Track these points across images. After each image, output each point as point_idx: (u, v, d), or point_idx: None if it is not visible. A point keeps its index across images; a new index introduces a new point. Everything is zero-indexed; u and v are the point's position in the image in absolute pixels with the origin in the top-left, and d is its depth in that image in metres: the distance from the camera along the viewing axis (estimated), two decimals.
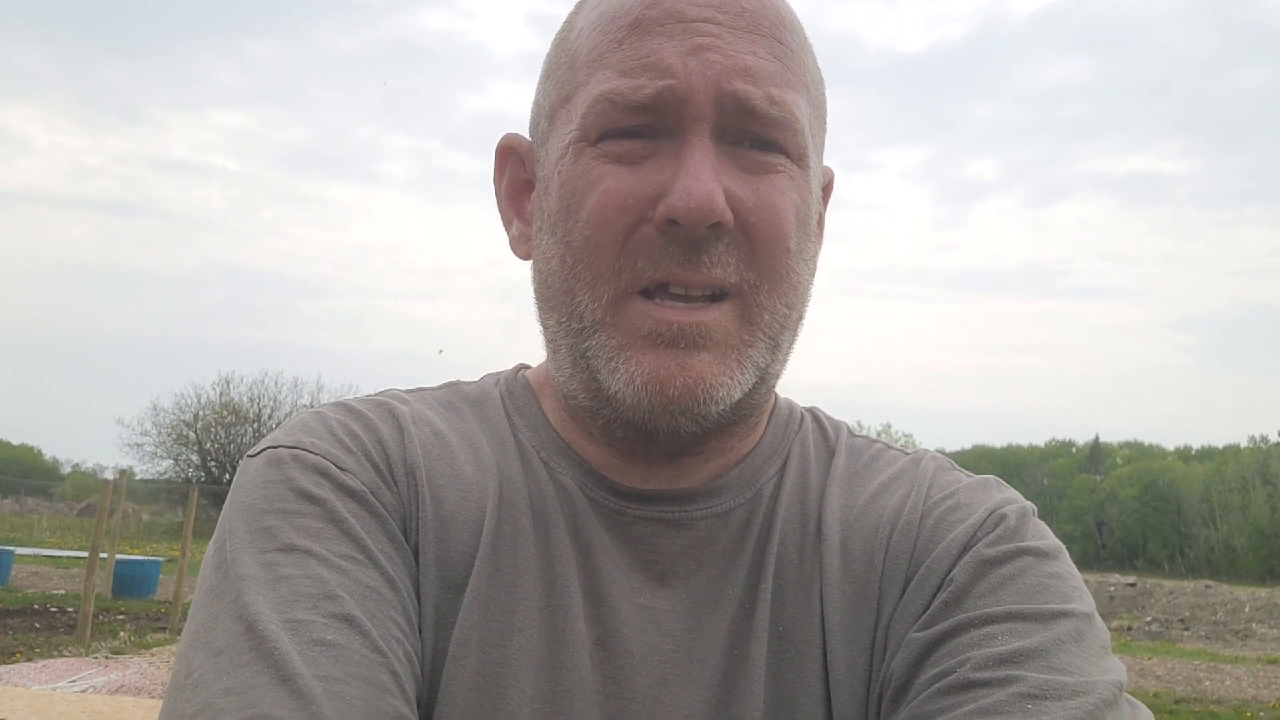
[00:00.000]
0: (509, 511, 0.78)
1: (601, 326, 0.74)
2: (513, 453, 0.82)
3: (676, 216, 0.70)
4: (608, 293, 0.73)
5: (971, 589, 0.72)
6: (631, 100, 0.72)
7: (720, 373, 0.73)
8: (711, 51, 0.72)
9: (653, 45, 0.73)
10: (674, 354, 0.72)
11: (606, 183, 0.73)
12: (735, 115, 0.73)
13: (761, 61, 0.74)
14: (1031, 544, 0.74)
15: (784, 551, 0.79)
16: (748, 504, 0.81)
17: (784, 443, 0.86)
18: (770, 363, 0.78)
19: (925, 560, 0.75)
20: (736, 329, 0.74)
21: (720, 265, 0.72)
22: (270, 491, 0.72)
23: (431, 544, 0.74)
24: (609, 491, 0.80)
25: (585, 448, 0.82)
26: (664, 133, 0.73)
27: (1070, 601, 0.71)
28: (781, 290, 0.75)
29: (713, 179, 0.71)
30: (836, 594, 0.76)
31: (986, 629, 0.68)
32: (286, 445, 0.75)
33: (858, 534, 0.79)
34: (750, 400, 0.79)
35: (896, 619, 0.74)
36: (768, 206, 0.73)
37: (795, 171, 0.76)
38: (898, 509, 0.79)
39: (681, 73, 0.72)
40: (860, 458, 0.86)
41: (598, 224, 0.73)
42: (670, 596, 0.77)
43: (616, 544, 0.78)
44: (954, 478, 0.82)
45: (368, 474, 0.74)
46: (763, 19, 0.75)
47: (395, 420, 0.80)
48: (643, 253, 0.72)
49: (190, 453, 41.07)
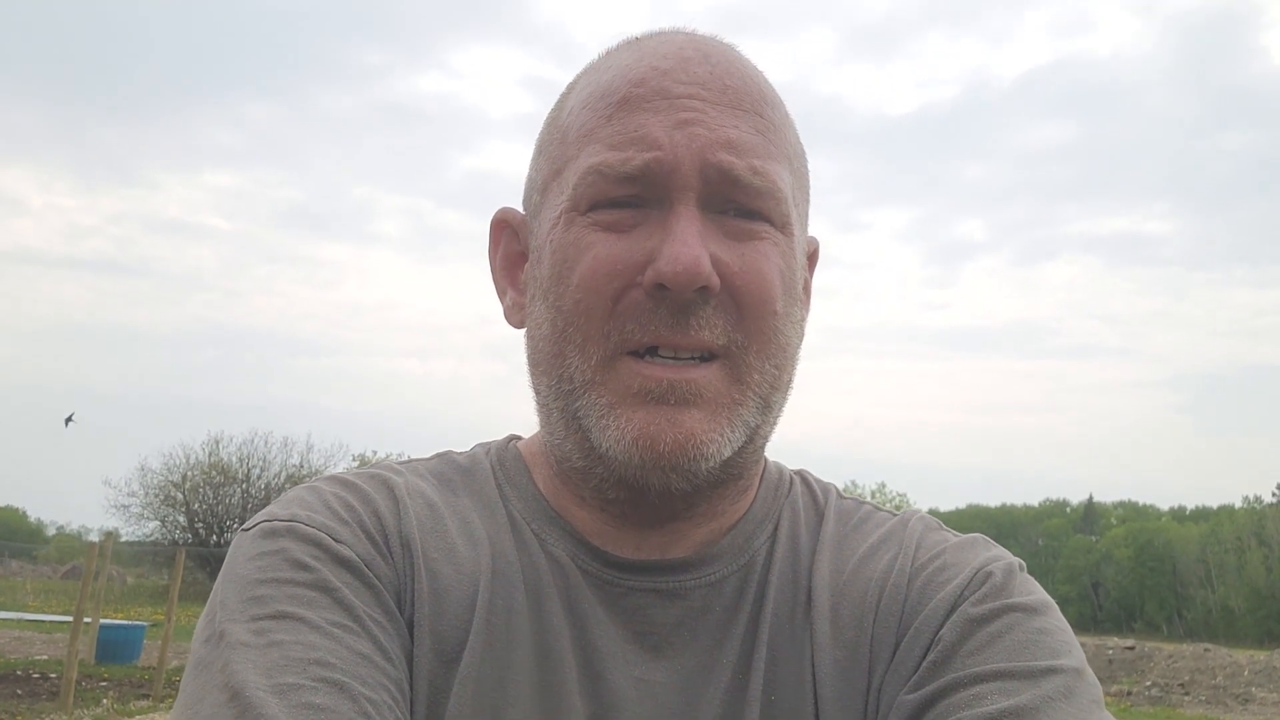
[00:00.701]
0: (502, 585, 0.78)
1: (592, 386, 0.76)
2: (504, 525, 0.83)
3: (664, 280, 0.73)
4: (597, 354, 0.75)
5: (959, 648, 0.72)
6: (620, 171, 0.75)
7: (711, 429, 0.74)
8: (696, 125, 0.75)
9: (640, 120, 0.76)
10: (664, 410, 0.74)
11: (596, 250, 0.75)
12: (720, 185, 0.75)
13: (744, 135, 0.77)
14: (1018, 600, 0.75)
15: (776, 620, 0.79)
16: (740, 571, 0.82)
17: (774, 507, 0.86)
18: (761, 423, 0.79)
19: (914, 622, 0.75)
20: (727, 388, 0.76)
21: (708, 328, 0.74)
22: (264, 563, 0.72)
23: (426, 617, 0.75)
24: (601, 562, 0.81)
25: (578, 515, 0.83)
26: (652, 203, 0.76)
27: (1059, 657, 0.71)
28: (769, 351, 0.78)
29: (699, 244, 0.73)
30: (828, 660, 0.76)
31: (976, 689, 0.69)
32: (281, 519, 0.75)
33: (847, 599, 0.79)
34: (740, 460, 0.80)
35: (888, 682, 0.74)
36: (753, 271, 0.76)
37: (779, 238, 0.78)
38: (886, 572, 0.80)
39: (668, 145, 0.75)
40: (849, 520, 0.86)
41: (587, 289, 0.75)
42: (666, 668, 0.77)
43: (611, 616, 0.79)
44: (941, 538, 0.83)
45: (363, 546, 0.75)
46: (745, 95, 0.78)
47: (390, 492, 0.81)
48: (631, 316, 0.74)
49: (177, 514, 40.60)
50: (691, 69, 0.78)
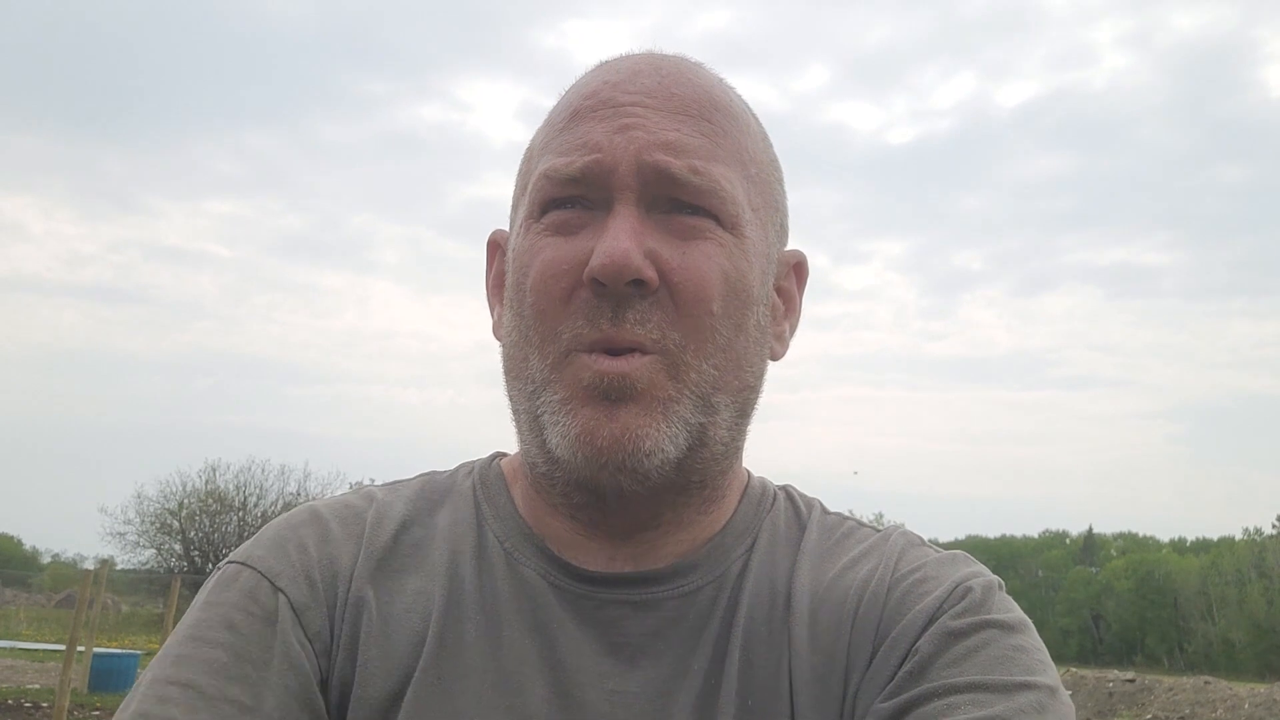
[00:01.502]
0: (454, 618, 0.80)
1: (549, 384, 0.78)
2: (471, 549, 0.84)
3: (596, 274, 0.75)
4: (553, 353, 0.78)
5: (936, 660, 0.73)
6: (564, 174, 0.78)
7: (646, 424, 0.75)
8: (636, 129, 0.78)
9: (586, 128, 0.80)
10: (604, 406, 0.76)
11: (545, 253, 0.79)
12: (658, 184, 0.77)
13: (685, 137, 0.79)
14: (996, 617, 0.76)
15: (751, 625, 0.80)
16: (715, 582, 0.82)
17: (755, 522, 0.87)
18: (707, 424, 0.79)
19: (891, 631, 0.76)
20: (663, 382, 0.76)
21: (641, 324, 0.76)
22: (206, 615, 0.78)
23: (374, 658, 0.77)
24: (573, 577, 0.82)
25: (552, 526, 0.84)
26: (597, 204, 0.78)
27: (1034, 674, 0.72)
28: (707, 351, 0.78)
29: (629, 239, 0.75)
30: (805, 666, 0.77)
31: (950, 699, 0.70)
32: (240, 561, 0.81)
33: (826, 606, 0.80)
34: (695, 465, 0.80)
35: (863, 689, 0.75)
36: (692, 268, 0.77)
37: (727, 239, 0.79)
38: (865, 581, 0.80)
39: (607, 147, 0.78)
40: (832, 535, 0.87)
41: (539, 291, 0.78)
42: (639, 679, 0.78)
43: (584, 630, 0.80)
44: (922, 553, 0.84)
45: (302, 595, 0.79)
46: (691, 102, 0.81)
47: (354, 527, 0.84)
48: (580, 313, 0.77)
49: (173, 542, 40.37)
50: (640, 80, 0.81)
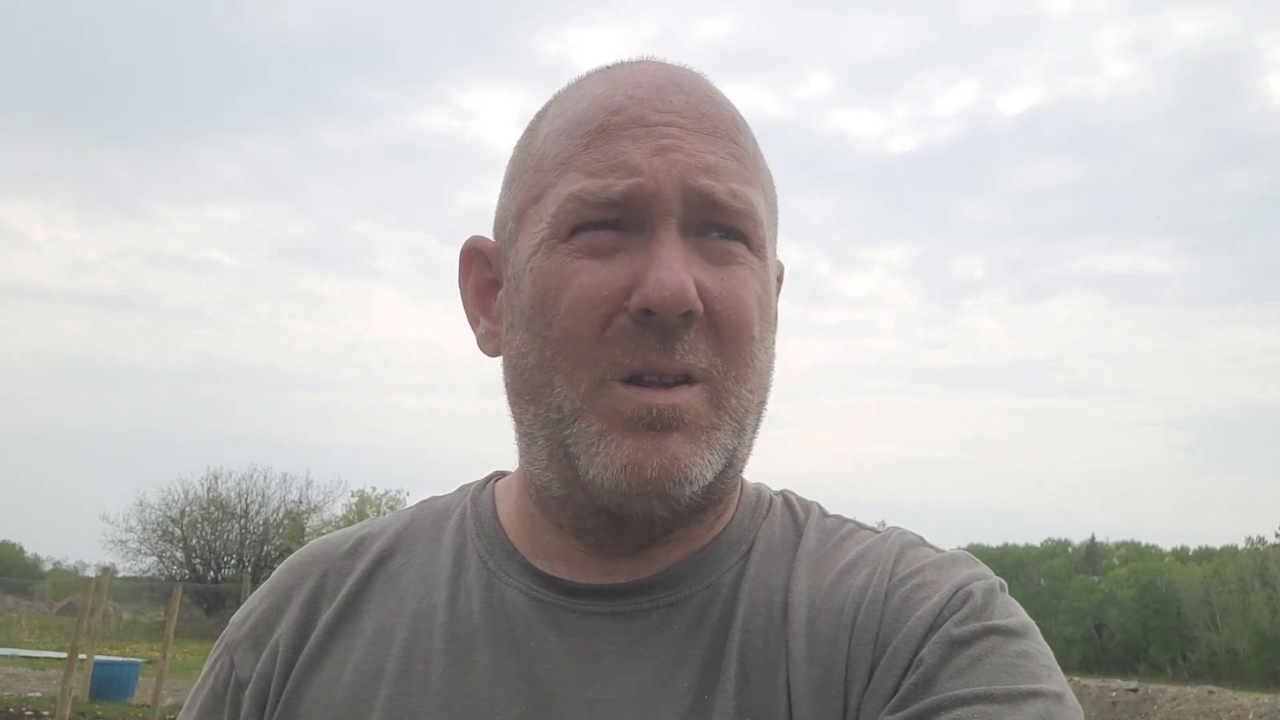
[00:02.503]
0: (420, 651, 0.81)
1: (581, 414, 0.76)
2: (447, 576, 0.85)
3: (651, 306, 0.73)
4: (586, 382, 0.75)
5: (941, 670, 0.71)
6: (602, 198, 0.75)
7: (693, 453, 0.75)
8: (675, 152, 0.77)
9: (619, 148, 0.77)
10: (651, 436, 0.75)
11: (581, 277, 0.76)
12: (700, 209, 0.77)
13: (721, 160, 0.78)
14: (999, 623, 0.74)
15: (748, 638, 0.78)
16: (706, 591, 0.81)
17: (750, 529, 0.86)
18: (738, 446, 0.80)
19: (892, 640, 0.74)
20: (707, 411, 0.76)
21: (692, 352, 0.75)
22: (199, 687, 0.89)
23: (322, 710, 0.80)
24: (557, 591, 0.82)
25: (548, 543, 0.84)
26: (634, 228, 0.76)
27: (1039, 681, 0.71)
28: (746, 376, 0.78)
29: (684, 269, 0.74)
30: (803, 679, 0.75)
31: (957, 712, 0.69)
32: (229, 627, 0.90)
33: (824, 616, 0.78)
34: (719, 485, 0.80)
35: (866, 702, 0.73)
36: (733, 296, 0.77)
37: (755, 262, 0.80)
38: (863, 588, 0.78)
39: (648, 171, 0.76)
40: (830, 538, 0.85)
41: (575, 316, 0.75)
42: (619, 686, 0.77)
43: (563, 644, 0.79)
44: (921, 554, 0.81)
45: (249, 666, 0.85)
46: (720, 123, 0.80)
47: (317, 580, 0.88)
48: (620, 342, 0.75)
49: (175, 550, 40.37)
50: (667, 97, 0.80)
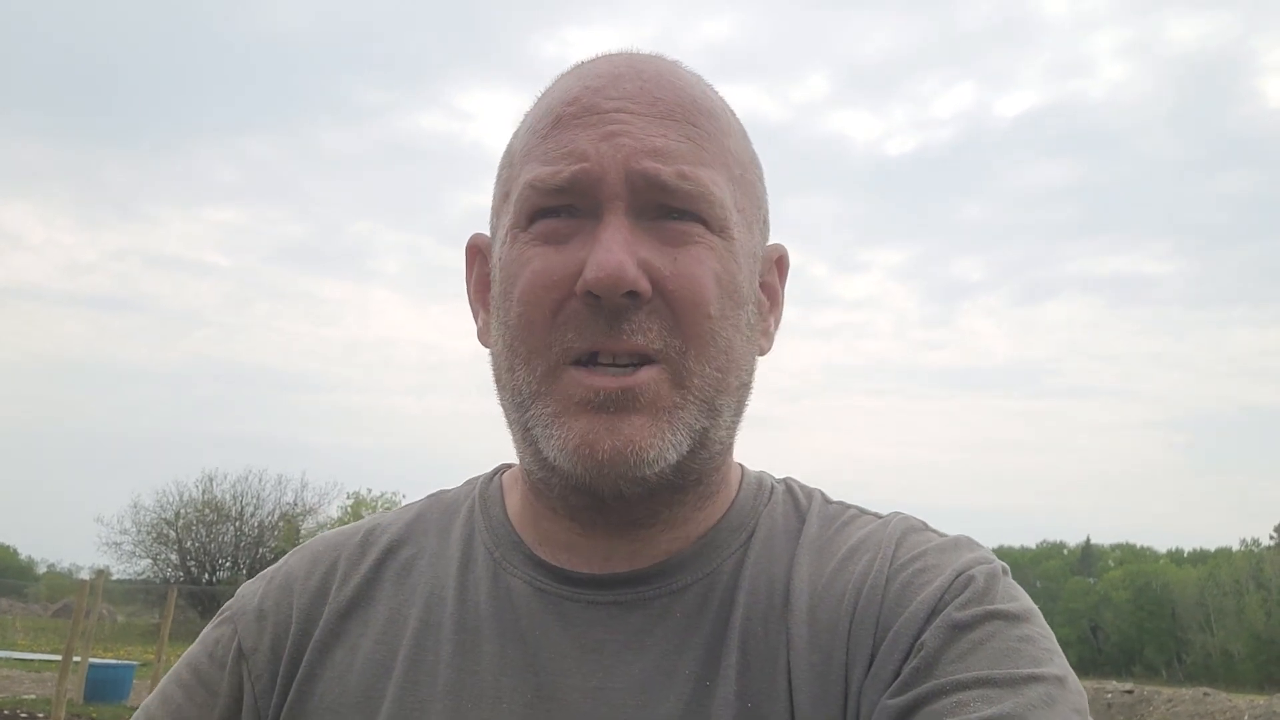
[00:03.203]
0: (430, 641, 0.82)
1: (538, 397, 0.78)
2: (456, 567, 0.86)
3: (590, 287, 0.75)
4: (542, 365, 0.78)
5: (942, 654, 0.72)
6: (550, 184, 0.78)
7: (651, 434, 0.76)
8: (622, 136, 0.78)
9: (570, 135, 0.79)
10: (604, 418, 0.75)
11: (534, 263, 0.78)
12: (647, 192, 0.77)
13: (671, 143, 0.78)
14: (1001, 607, 0.74)
15: (749, 625, 0.79)
16: (706, 579, 0.82)
17: (751, 516, 0.86)
18: (710, 427, 0.79)
19: (893, 625, 0.75)
20: (667, 392, 0.77)
21: (641, 332, 0.76)
22: (192, 649, 0.89)
23: (333, 697, 0.81)
24: (561, 581, 0.83)
25: (547, 530, 0.85)
26: (586, 213, 0.78)
27: (1041, 665, 0.71)
28: (709, 354, 0.78)
29: (622, 250, 0.75)
30: (804, 664, 0.76)
31: (959, 696, 0.69)
32: (234, 600, 0.90)
33: (825, 602, 0.78)
34: (694, 465, 0.80)
35: (868, 686, 0.74)
36: (685, 275, 0.77)
37: (716, 242, 0.79)
38: (864, 573, 0.79)
39: (594, 156, 0.77)
40: (833, 524, 0.85)
41: (528, 301, 0.78)
42: (623, 674, 0.78)
43: (568, 632, 0.80)
44: (923, 538, 0.82)
45: (253, 634, 0.86)
46: (675, 106, 0.80)
47: (330, 568, 0.89)
48: (571, 325, 0.76)
49: (170, 552, 40.30)
50: (621, 85, 0.81)
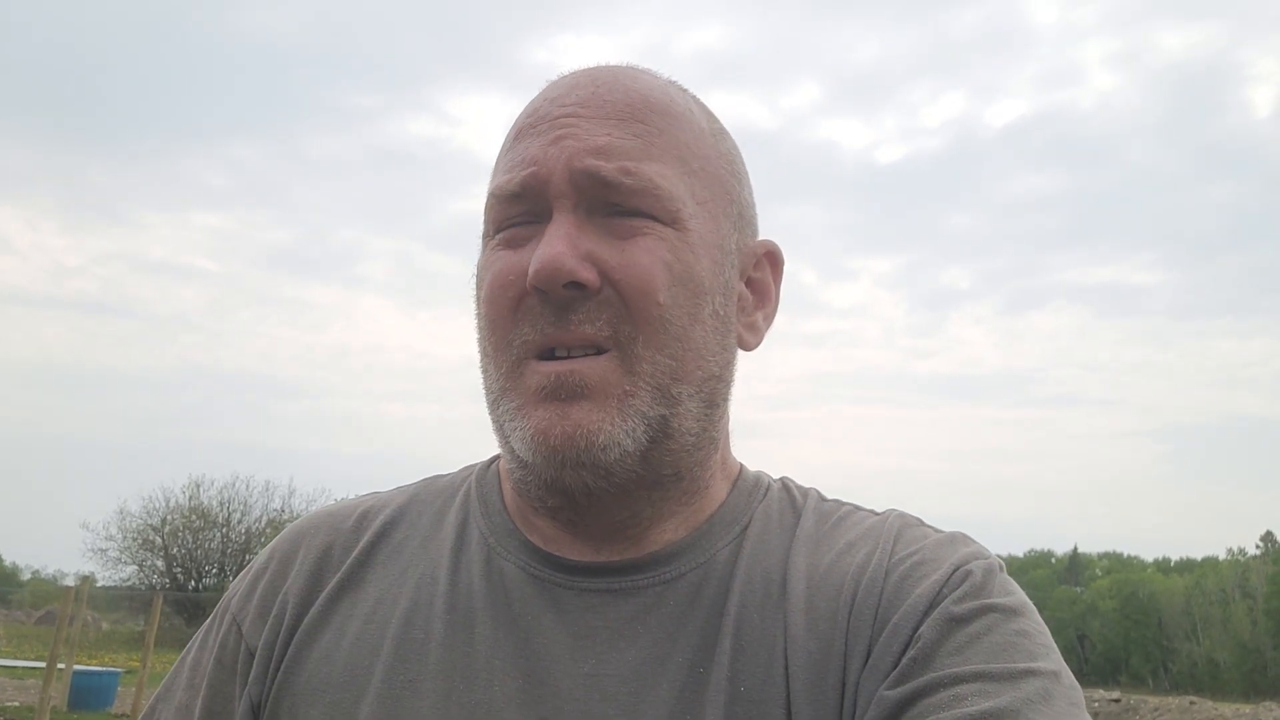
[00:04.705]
0: (421, 620, 0.83)
1: (505, 393, 0.81)
2: (450, 549, 0.88)
3: (533, 282, 0.78)
4: (506, 362, 0.81)
5: (940, 647, 0.73)
6: (506, 191, 0.83)
7: (600, 419, 0.77)
8: (568, 139, 0.81)
9: (525, 145, 0.84)
10: (556, 405, 0.78)
11: (496, 266, 0.83)
12: (592, 189, 0.80)
13: (616, 141, 0.81)
14: (998, 601, 0.76)
15: (744, 612, 0.80)
16: (701, 568, 0.83)
17: (746, 510, 0.88)
18: (670, 415, 0.80)
19: (892, 617, 0.76)
20: (618, 379, 0.78)
21: (589, 323, 0.78)
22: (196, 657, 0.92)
23: (322, 676, 0.82)
24: (554, 567, 0.84)
25: (538, 525, 0.86)
26: (541, 217, 0.82)
27: (1037, 660, 0.72)
28: (660, 342, 0.79)
29: (561, 243, 0.78)
30: (801, 653, 0.77)
31: (956, 689, 0.70)
32: (235, 595, 0.92)
33: (823, 592, 0.79)
34: (663, 457, 0.82)
35: (865, 678, 0.74)
36: (632, 264, 0.79)
37: (668, 233, 0.81)
38: (862, 565, 0.80)
39: (542, 160, 0.81)
40: (829, 519, 0.87)
41: (490, 302, 0.82)
42: (616, 661, 0.78)
43: (560, 620, 0.81)
44: (921, 533, 0.84)
45: (257, 630, 0.87)
46: (624, 106, 0.83)
47: (321, 549, 0.90)
48: (527, 321, 0.80)
49: (156, 558, 40.03)
50: (575, 92, 0.84)
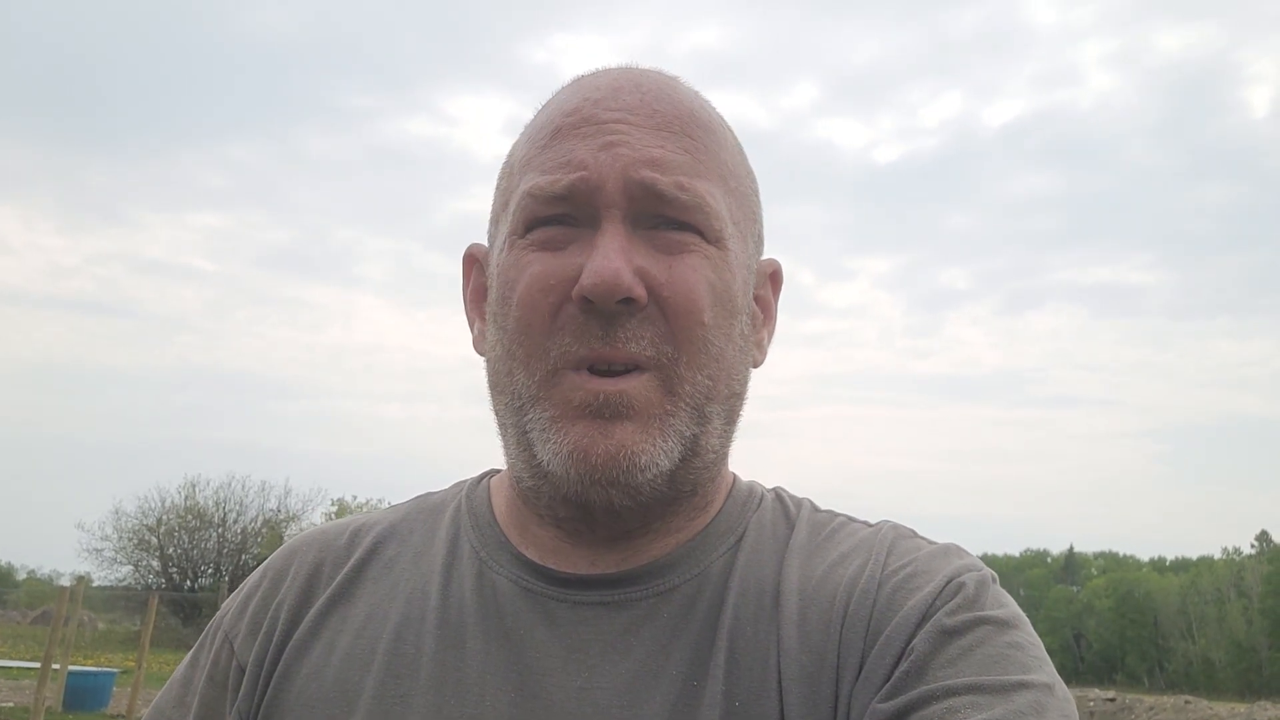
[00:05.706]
0: (411, 635, 0.83)
1: (537, 401, 0.79)
2: (440, 564, 0.87)
3: (586, 293, 0.76)
4: (540, 370, 0.78)
5: (933, 660, 0.72)
6: (550, 193, 0.79)
7: (643, 440, 0.76)
8: (621, 146, 0.79)
9: (569, 145, 0.80)
10: (598, 424, 0.76)
11: (533, 268, 0.79)
12: (645, 201, 0.79)
13: (669, 154, 0.80)
14: (990, 613, 0.75)
15: (738, 625, 0.79)
16: (694, 580, 0.82)
17: (739, 521, 0.87)
18: (700, 434, 0.80)
19: (884, 629, 0.75)
20: (659, 399, 0.77)
21: (635, 340, 0.77)
22: (187, 674, 0.91)
23: (312, 693, 0.82)
24: (547, 581, 0.83)
25: (534, 535, 0.85)
26: (583, 221, 0.79)
27: (1030, 672, 0.72)
28: (700, 362, 0.79)
29: (619, 257, 0.76)
30: (794, 665, 0.76)
31: (949, 702, 0.69)
32: (226, 613, 0.92)
33: (815, 604, 0.79)
34: (687, 475, 0.81)
35: (858, 691, 0.74)
36: (680, 282, 0.78)
37: (711, 252, 0.80)
38: (855, 577, 0.79)
39: (593, 165, 0.79)
40: (822, 531, 0.86)
41: (526, 306, 0.79)
42: (609, 674, 0.78)
43: (553, 633, 0.80)
44: (914, 545, 0.83)
45: (248, 648, 0.87)
46: (674, 119, 0.82)
47: (312, 567, 0.90)
48: (568, 330, 0.77)
49: (151, 558, 39.99)
50: (621, 97, 0.82)
